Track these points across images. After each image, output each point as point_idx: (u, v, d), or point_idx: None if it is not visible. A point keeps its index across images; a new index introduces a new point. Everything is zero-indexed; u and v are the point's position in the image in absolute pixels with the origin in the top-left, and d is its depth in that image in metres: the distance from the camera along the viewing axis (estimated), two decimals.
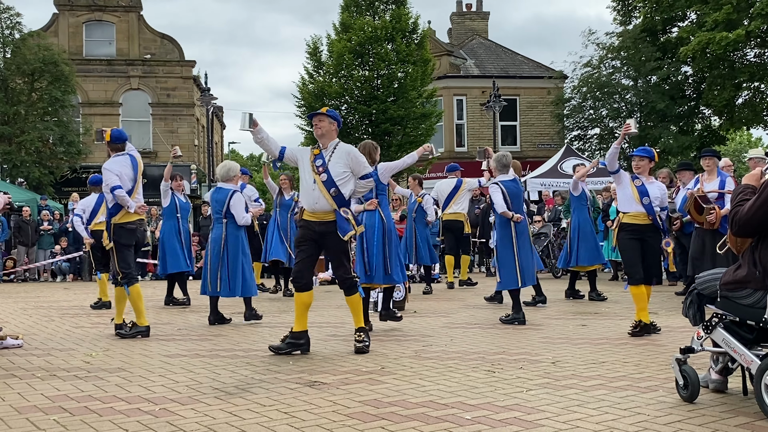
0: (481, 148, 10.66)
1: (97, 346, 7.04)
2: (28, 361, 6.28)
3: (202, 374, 5.52)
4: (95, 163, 28.99)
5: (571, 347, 6.53)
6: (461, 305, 10.44)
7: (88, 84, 31.08)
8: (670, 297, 11.15)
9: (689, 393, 4.38)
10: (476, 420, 4.09)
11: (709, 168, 9.58)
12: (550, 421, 4.03)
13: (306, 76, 27.51)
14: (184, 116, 32.62)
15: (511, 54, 35.18)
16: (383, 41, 26.53)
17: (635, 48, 27.60)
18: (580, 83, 29.68)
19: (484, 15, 37.25)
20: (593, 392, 4.71)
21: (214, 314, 8.77)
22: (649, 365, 5.59)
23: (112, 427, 4.06)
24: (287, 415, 4.26)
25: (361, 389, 4.90)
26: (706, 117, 29.52)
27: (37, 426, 4.13)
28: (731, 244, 4.40)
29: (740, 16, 23.46)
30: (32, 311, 10.69)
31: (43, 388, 5.12)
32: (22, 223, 18.94)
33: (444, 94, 31.72)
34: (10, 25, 26.48)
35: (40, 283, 18.43)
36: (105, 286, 10.82)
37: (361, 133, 27.60)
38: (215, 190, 9.12)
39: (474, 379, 5.19)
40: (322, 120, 6.53)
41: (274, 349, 6.35)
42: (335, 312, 9.55)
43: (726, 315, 4.38)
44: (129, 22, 32.16)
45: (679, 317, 7.68)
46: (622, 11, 29.39)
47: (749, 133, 54.31)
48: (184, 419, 4.21)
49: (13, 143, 25.36)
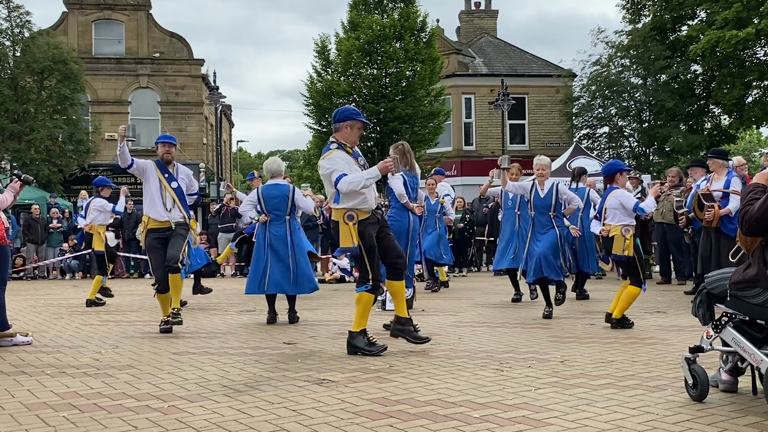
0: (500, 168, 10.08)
1: (106, 344, 7.07)
2: (38, 358, 6.31)
3: (211, 372, 5.53)
4: (104, 161, 29.16)
5: (579, 346, 6.52)
6: (469, 304, 10.43)
7: (97, 82, 31.18)
8: (679, 296, 11.12)
9: (698, 392, 4.36)
10: (484, 418, 4.09)
11: (713, 168, 9.57)
12: (559, 420, 4.03)
13: (314, 74, 27.54)
14: (193, 115, 32.70)
15: (519, 52, 35.11)
16: (392, 40, 26.52)
17: (644, 46, 27.50)
18: (589, 82, 29.61)
19: (492, 13, 37.15)
20: (602, 391, 4.70)
21: (273, 312, 8.59)
22: (658, 364, 5.57)
23: (121, 424, 4.07)
24: (295, 412, 4.27)
25: (369, 387, 4.90)
26: (716, 116, 29.43)
27: (47, 423, 4.14)
28: (741, 243, 4.38)
29: (750, 15, 23.35)
30: (41, 309, 10.74)
31: (52, 385, 5.14)
32: (32, 221, 19.04)
33: (452, 93, 31.68)
34: (19, 23, 26.57)
35: (49, 281, 18.52)
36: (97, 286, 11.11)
37: (369, 132, 27.59)
38: (271, 186, 8.70)
39: (482, 377, 5.18)
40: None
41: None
42: (343, 310, 9.56)
43: (735, 314, 4.36)
44: (138, 21, 32.25)
45: (689, 316, 7.65)
46: (631, 9, 29.29)
47: (759, 131, 54.05)
48: (192, 416, 4.22)
49: (23, 141, 25.46)
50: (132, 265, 19.66)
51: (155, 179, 7.92)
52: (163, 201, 7.87)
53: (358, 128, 6.37)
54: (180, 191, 8.00)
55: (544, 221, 9.12)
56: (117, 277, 18.91)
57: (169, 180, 7.95)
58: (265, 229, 8.64)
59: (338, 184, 6.05)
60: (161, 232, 7.87)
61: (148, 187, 7.95)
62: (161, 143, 8.14)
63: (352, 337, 6.23)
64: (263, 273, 8.55)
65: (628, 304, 7.56)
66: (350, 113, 6.38)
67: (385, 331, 7.50)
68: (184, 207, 8.02)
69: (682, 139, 26.47)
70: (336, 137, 6.36)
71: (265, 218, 8.63)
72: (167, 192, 7.90)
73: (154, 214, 7.87)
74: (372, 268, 6.20)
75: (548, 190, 9.16)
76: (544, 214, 9.13)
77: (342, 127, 6.33)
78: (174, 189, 7.93)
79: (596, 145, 30.75)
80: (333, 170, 6.11)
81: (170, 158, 8.11)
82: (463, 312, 9.38)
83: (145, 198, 7.98)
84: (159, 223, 7.86)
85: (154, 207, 7.87)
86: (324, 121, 27.82)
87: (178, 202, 7.96)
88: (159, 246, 7.84)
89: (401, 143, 8.19)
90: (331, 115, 6.56)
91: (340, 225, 6.18)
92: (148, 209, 7.94)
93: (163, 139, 8.19)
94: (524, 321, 8.41)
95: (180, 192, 8.00)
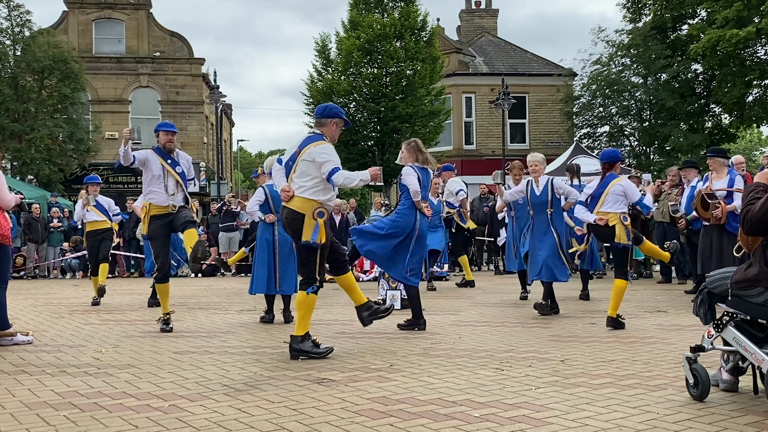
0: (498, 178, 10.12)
1: (107, 343, 7.07)
2: (38, 357, 6.31)
3: (212, 371, 5.53)
4: (104, 160, 29.17)
5: (579, 345, 6.52)
6: (470, 303, 10.43)
7: (97, 81, 31.19)
8: (679, 295, 11.11)
9: (699, 392, 4.36)
10: (485, 417, 4.08)
11: (713, 167, 9.55)
12: (559, 419, 4.02)
13: (315, 73, 27.53)
14: (193, 114, 32.71)
15: (520, 51, 35.10)
16: (392, 39, 26.53)
17: (645, 45, 27.51)
18: (589, 81, 29.62)
19: (493, 12, 37.16)
20: (602, 390, 4.70)
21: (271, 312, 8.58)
22: (658, 363, 5.57)
23: (121, 423, 4.07)
24: (296, 411, 4.27)
25: (369, 386, 4.90)
26: (717, 115, 29.42)
27: (47, 422, 4.14)
28: (742, 243, 4.38)
29: (751, 14, 23.35)
30: (42, 308, 10.74)
31: (53, 384, 5.14)
32: (32, 221, 19.03)
33: (453, 92, 31.68)
34: (20, 22, 26.60)
35: (49, 280, 18.52)
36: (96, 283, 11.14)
37: (370, 131, 27.62)
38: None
39: (482, 376, 5.18)
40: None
41: None
42: (343, 309, 9.56)
43: (737, 313, 4.36)
44: (138, 20, 32.27)
45: (689, 316, 7.65)
46: (632, 9, 29.28)
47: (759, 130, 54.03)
48: (193, 415, 4.22)
49: (23, 141, 25.48)
50: (132, 264, 19.66)
51: (158, 165, 7.89)
52: (166, 185, 7.84)
53: (341, 127, 6.41)
54: (183, 176, 8.02)
55: (543, 220, 9.02)
56: (118, 276, 18.92)
57: (172, 165, 7.95)
58: (272, 229, 8.54)
59: (333, 175, 5.99)
60: (164, 218, 7.81)
61: (149, 174, 7.90)
62: (164, 131, 8.11)
63: (298, 342, 6.05)
64: (271, 273, 8.47)
65: (619, 299, 7.49)
66: (338, 111, 6.40)
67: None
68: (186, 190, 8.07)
69: (683, 138, 26.47)
70: (322, 131, 6.28)
71: (273, 218, 8.50)
72: (170, 176, 7.89)
73: (158, 200, 7.81)
74: (321, 269, 6.12)
75: (543, 186, 9.07)
76: (542, 212, 9.02)
77: (329, 123, 6.29)
78: (178, 173, 7.95)
79: (597, 144, 30.74)
80: (329, 160, 6.04)
81: (172, 147, 8.10)
82: (464, 311, 9.38)
83: (147, 186, 7.93)
84: (161, 209, 7.81)
85: (156, 193, 7.82)
86: None
87: (182, 184, 7.97)
88: (162, 234, 7.82)
89: (413, 140, 8.07)
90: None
91: (306, 218, 6.00)
92: (150, 196, 7.87)
93: (165, 127, 8.18)
94: (524, 320, 8.41)
95: (183, 177, 8.02)
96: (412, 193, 7.70)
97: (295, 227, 6.05)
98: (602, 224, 7.55)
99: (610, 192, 7.58)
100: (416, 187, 7.67)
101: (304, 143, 6.21)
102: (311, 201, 6.05)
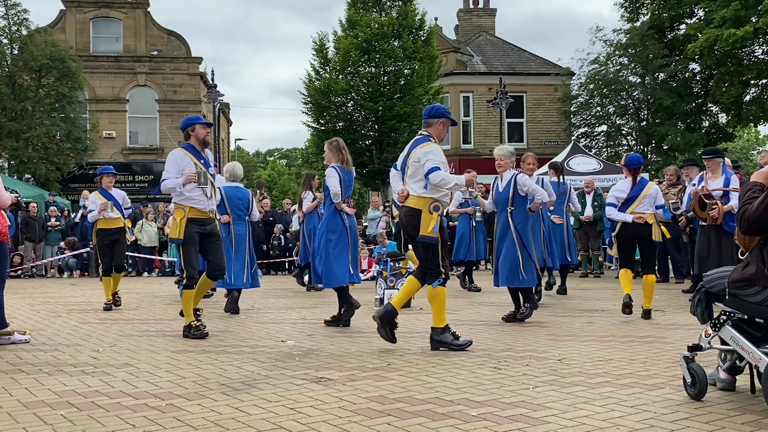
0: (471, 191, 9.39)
1: (104, 342, 7.06)
2: (36, 356, 6.30)
3: (209, 370, 5.53)
4: (102, 159, 29.12)
5: (577, 344, 6.52)
6: (467, 302, 10.44)
7: (95, 80, 31.14)
8: (677, 294, 11.13)
9: (697, 391, 4.36)
10: (482, 416, 4.09)
11: (710, 167, 9.57)
12: (557, 418, 4.03)
13: (312, 72, 27.53)
14: (191, 112, 32.60)
15: (518, 51, 35.10)
16: (390, 38, 26.53)
17: (643, 45, 27.53)
18: (587, 80, 29.64)
19: (491, 12, 37.16)
20: (599, 389, 4.70)
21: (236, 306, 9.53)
22: (655, 362, 5.58)
23: (118, 422, 4.07)
24: (293, 410, 4.27)
25: (367, 385, 4.90)
26: (714, 114, 29.45)
27: (44, 421, 4.14)
28: (739, 242, 4.38)
29: (748, 13, 23.38)
30: (39, 307, 10.72)
31: (50, 384, 5.13)
32: (30, 220, 19.00)
33: (450, 91, 31.67)
34: (17, 21, 26.56)
35: (47, 279, 18.50)
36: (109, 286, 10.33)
37: (368, 130, 27.62)
38: (233, 188, 9.59)
39: (480, 375, 5.18)
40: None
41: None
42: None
43: (734, 313, 4.36)
44: (136, 19, 32.21)
45: (687, 315, 7.66)
46: (629, 8, 29.31)
47: (757, 130, 54.13)
48: (190, 414, 4.22)
49: (21, 139, 25.43)
50: (129, 263, 19.63)
51: (192, 168, 7.24)
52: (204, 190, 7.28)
53: (447, 126, 6.63)
54: (214, 177, 7.56)
55: (503, 219, 8.19)
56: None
57: (206, 166, 7.35)
58: (228, 228, 9.47)
59: (430, 174, 6.21)
60: (203, 225, 7.30)
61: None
62: (201, 125, 7.43)
63: (438, 333, 6.34)
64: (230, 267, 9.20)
65: (651, 293, 8.32)
66: (445, 111, 6.64)
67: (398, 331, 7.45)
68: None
69: (680, 138, 26.50)
70: (429, 132, 6.53)
71: (228, 218, 9.48)
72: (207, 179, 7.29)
73: (199, 204, 7.25)
74: (443, 261, 6.35)
75: (507, 182, 8.23)
76: (503, 210, 8.20)
77: (435, 123, 6.55)
78: (212, 175, 7.43)
79: (594, 143, 30.78)
80: (430, 160, 6.26)
81: (209, 140, 7.58)
82: (461, 310, 9.38)
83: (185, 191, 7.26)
84: (202, 213, 7.27)
85: (196, 200, 7.25)
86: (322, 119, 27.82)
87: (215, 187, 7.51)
88: (199, 241, 7.29)
89: (335, 139, 8.19)
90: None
91: (423, 213, 6.29)
92: (191, 202, 7.24)
93: (203, 121, 7.50)
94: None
95: (214, 178, 7.57)
96: (333, 194, 7.87)
97: (414, 223, 6.35)
98: (642, 222, 8.13)
99: (647, 195, 8.28)
100: (337, 189, 7.86)
101: (412, 146, 6.53)
102: (425, 198, 6.33)
